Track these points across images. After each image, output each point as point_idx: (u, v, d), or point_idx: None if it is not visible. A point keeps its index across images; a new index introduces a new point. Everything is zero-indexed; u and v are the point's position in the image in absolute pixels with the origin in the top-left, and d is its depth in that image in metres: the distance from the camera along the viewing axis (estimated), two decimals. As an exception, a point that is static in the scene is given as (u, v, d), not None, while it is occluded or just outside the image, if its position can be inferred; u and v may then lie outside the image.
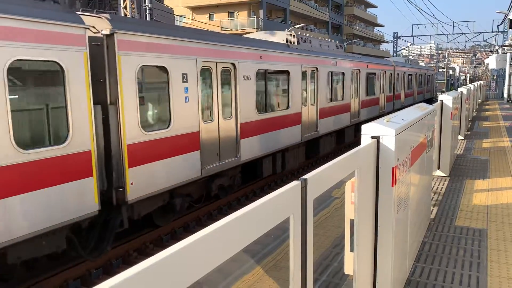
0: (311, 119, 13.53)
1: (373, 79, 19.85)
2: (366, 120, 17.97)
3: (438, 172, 8.48)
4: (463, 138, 13.73)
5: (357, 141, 16.04)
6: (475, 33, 51.78)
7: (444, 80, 62.52)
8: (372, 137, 3.12)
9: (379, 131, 3.11)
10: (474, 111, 22.39)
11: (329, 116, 14.86)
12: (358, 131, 16.99)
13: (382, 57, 56.53)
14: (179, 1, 43.08)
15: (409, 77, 27.97)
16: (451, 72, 70.70)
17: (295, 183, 1.90)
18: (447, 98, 8.47)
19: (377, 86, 20.54)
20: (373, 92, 19.95)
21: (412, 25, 54.99)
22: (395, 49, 55.27)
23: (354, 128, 17.68)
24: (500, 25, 44.96)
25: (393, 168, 3.09)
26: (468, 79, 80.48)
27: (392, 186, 3.12)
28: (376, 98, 20.47)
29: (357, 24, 70.93)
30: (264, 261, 4.76)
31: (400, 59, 30.49)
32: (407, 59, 33.25)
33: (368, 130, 3.15)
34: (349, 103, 16.84)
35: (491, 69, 44.43)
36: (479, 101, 31.33)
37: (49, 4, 6.06)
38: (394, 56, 51.88)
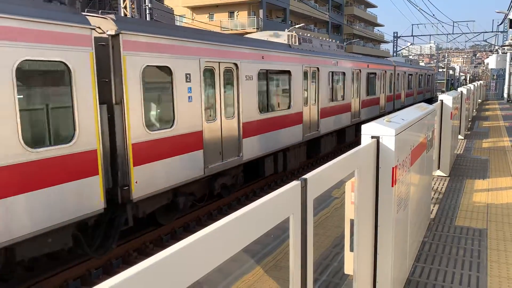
0: (312, 118, 13.55)
1: (373, 79, 19.85)
2: (366, 120, 18.00)
3: (438, 172, 8.48)
4: (463, 138, 13.73)
5: (357, 141, 16.03)
6: (475, 33, 51.77)
7: (444, 80, 62.53)
8: (372, 137, 3.12)
9: (379, 131, 3.11)
10: (474, 111, 22.39)
11: (330, 116, 14.87)
12: (359, 131, 16.96)
13: (383, 57, 56.54)
14: (179, 1, 43.08)
15: (410, 77, 27.95)
16: (451, 72, 70.70)
17: (295, 183, 1.90)
18: (447, 98, 8.47)
19: (378, 86, 20.53)
20: (373, 92, 19.95)
21: (412, 25, 54.94)
22: (395, 49, 55.25)
23: (355, 127, 17.67)
24: (500, 25, 44.97)
25: (393, 168, 3.09)
26: (468, 79, 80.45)
27: (392, 186, 3.12)
28: (376, 98, 20.47)
29: (357, 24, 70.91)
30: (264, 261, 4.76)
31: (401, 59, 30.50)
32: (407, 59, 33.24)
33: (368, 130, 3.15)
34: (350, 103, 16.85)
35: (491, 69, 44.44)
36: (479, 101, 31.33)
37: (55, 5, 6.09)
38: (394, 56, 51.89)
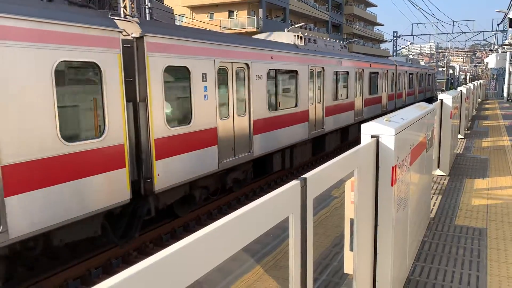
0: (317, 116, 13.93)
1: (375, 78, 20.15)
2: (369, 118, 18.22)
3: (438, 171, 8.48)
4: (462, 137, 13.73)
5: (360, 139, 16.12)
6: (474, 32, 51.71)
7: (444, 79, 62.54)
8: (372, 136, 3.11)
9: (378, 130, 3.11)
10: (474, 110, 22.40)
11: (334, 114, 15.23)
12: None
13: (383, 57, 56.53)
14: (178, 0, 43.05)
15: (410, 76, 28.09)
16: (450, 71, 70.73)
17: (294, 183, 1.90)
18: (446, 98, 8.47)
19: (380, 85, 20.83)
20: (375, 91, 20.26)
21: (412, 24, 54.99)
22: (395, 48, 55.24)
23: (358, 126, 17.78)
24: (499, 24, 44.96)
25: (392, 167, 3.09)
26: (468, 78, 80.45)
27: (392, 185, 3.12)
28: (378, 96, 20.75)
29: (357, 23, 70.87)
30: (264, 261, 4.76)
31: (402, 59, 30.59)
32: (408, 58, 33.28)
33: (367, 129, 3.14)
34: (353, 102, 17.19)
35: (491, 68, 44.41)
36: (479, 100, 31.34)
37: (86, 10, 6.58)
38: (394, 56, 51.89)
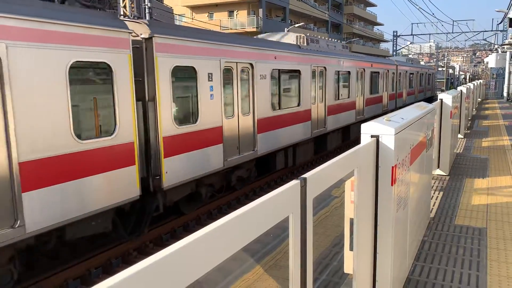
0: (319, 116, 14.11)
1: (376, 78, 20.33)
2: (370, 118, 18.34)
3: (438, 171, 8.48)
4: (462, 137, 13.73)
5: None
6: (474, 32, 51.66)
7: (443, 79, 62.52)
8: (372, 136, 3.11)
9: (378, 130, 3.11)
10: (473, 110, 22.40)
11: (336, 113, 15.42)
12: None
13: (383, 56, 56.53)
14: (178, 0, 43.02)
15: (411, 76, 28.20)
16: (450, 71, 70.69)
17: (294, 182, 1.90)
18: (446, 97, 8.47)
19: (381, 85, 21.03)
20: (376, 90, 20.45)
21: (412, 24, 54.97)
22: (394, 48, 55.24)
23: (359, 125, 17.82)
24: (499, 24, 44.98)
25: (392, 167, 3.09)
26: (467, 78, 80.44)
27: (392, 185, 3.12)
28: (379, 96, 20.93)
29: (357, 23, 70.86)
30: (264, 260, 4.76)
31: (402, 58, 30.67)
32: (408, 58, 33.31)
33: (367, 129, 3.14)
34: (355, 101, 17.36)
35: (491, 68, 44.42)
36: (479, 100, 31.34)
37: (98, 11, 6.72)
38: (394, 55, 51.88)
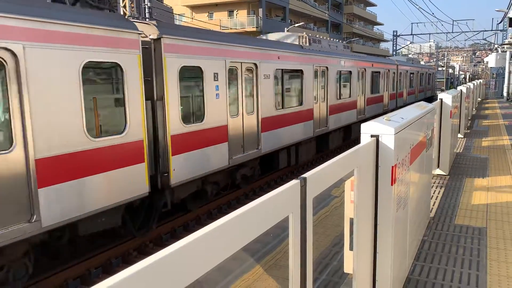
0: (321, 115, 14.28)
1: (377, 78, 20.46)
2: (371, 117, 18.53)
3: (438, 171, 8.48)
4: (462, 136, 13.73)
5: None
6: (474, 31, 51.68)
7: (443, 78, 62.50)
8: (372, 135, 3.11)
9: (378, 130, 3.11)
10: (473, 109, 22.40)
11: (337, 113, 15.59)
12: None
13: (384, 56, 56.52)
14: (178, 0, 43.01)
15: (411, 75, 28.28)
16: (450, 70, 70.68)
17: (294, 182, 1.90)
18: (446, 97, 8.46)
19: (381, 84, 21.17)
20: (377, 90, 20.58)
21: (412, 23, 55.00)
22: (394, 48, 55.23)
23: (361, 124, 17.89)
24: (499, 23, 44.98)
25: (392, 166, 3.09)
26: (467, 77, 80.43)
27: (392, 184, 3.12)
28: (380, 96, 21.06)
29: (357, 22, 70.83)
30: (264, 260, 4.76)
31: (403, 58, 30.74)
32: (408, 58, 33.36)
33: (367, 129, 3.14)
34: (356, 101, 17.50)
35: (491, 67, 44.43)
36: (479, 99, 31.34)
37: (108, 13, 6.91)
38: (394, 55, 51.88)
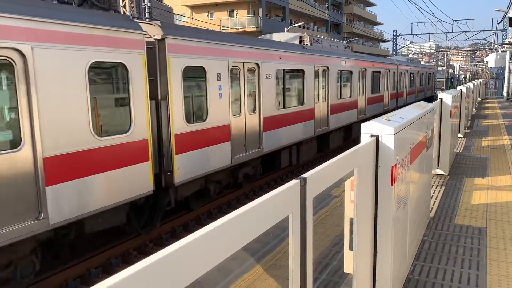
0: (322, 114, 14.38)
1: (378, 77, 20.53)
2: (372, 116, 18.62)
3: (438, 171, 8.48)
4: (462, 136, 13.73)
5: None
6: (474, 31, 51.69)
7: (443, 78, 62.48)
8: (372, 135, 3.11)
9: (378, 130, 3.11)
10: (473, 109, 22.40)
11: (338, 112, 15.70)
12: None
13: (384, 56, 56.52)
14: (178, -1, 43.01)
15: (411, 75, 28.33)
16: (450, 70, 70.66)
17: (294, 182, 1.90)
18: (446, 97, 8.46)
19: (382, 84, 21.26)
20: (378, 90, 20.66)
21: (412, 23, 55.02)
22: (394, 48, 55.22)
23: (361, 124, 17.96)
24: (499, 23, 44.98)
25: (392, 166, 3.09)
26: (467, 77, 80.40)
27: (392, 184, 3.12)
28: (380, 95, 21.14)
29: (357, 22, 70.81)
30: (264, 260, 4.76)
31: (403, 58, 30.79)
32: (409, 58, 33.39)
33: (367, 129, 3.14)
34: (356, 100, 17.58)
35: (491, 67, 44.42)
36: (479, 99, 31.34)
37: (112, 14, 7.04)
38: (394, 55, 51.88)
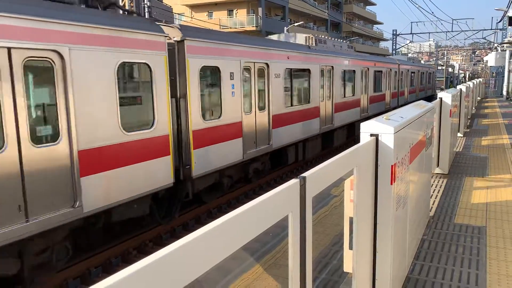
0: (327, 113, 14.74)
1: (380, 77, 20.80)
2: (374, 115, 18.81)
3: (437, 170, 8.49)
4: (462, 135, 13.73)
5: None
6: (474, 30, 51.78)
7: (443, 77, 62.46)
8: (371, 134, 3.11)
9: (378, 129, 3.11)
10: (473, 108, 22.40)
11: (342, 111, 16.02)
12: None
13: (384, 55, 56.50)
14: (178, -1, 42.93)
15: (412, 74, 28.48)
16: (450, 69, 70.66)
17: (294, 181, 1.90)
18: (446, 96, 8.47)
19: (384, 83, 21.54)
20: (380, 88, 20.95)
21: (411, 22, 55.21)
22: (394, 47, 55.20)
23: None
24: (499, 22, 44.97)
25: (392, 165, 3.09)
26: (467, 76, 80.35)
27: (391, 183, 3.12)
28: (382, 94, 21.41)
29: (356, 21, 70.79)
30: (264, 259, 4.76)
31: (404, 57, 30.87)
32: (409, 57, 33.45)
33: (367, 128, 3.13)
34: (359, 99, 17.89)
35: (490, 66, 44.44)
36: (478, 98, 31.34)
37: (135, 17, 7.52)
38: (394, 54, 51.88)
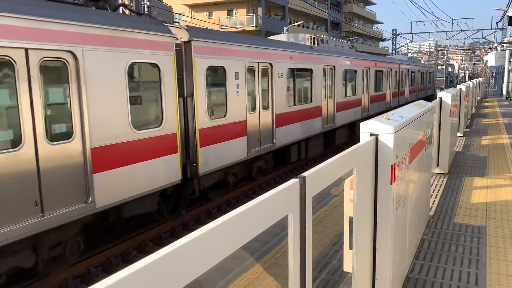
0: (329, 112, 14.90)
1: (380, 76, 20.94)
2: (375, 114, 18.89)
3: (437, 169, 8.49)
4: (462, 135, 13.74)
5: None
6: (474, 30, 51.78)
7: (443, 77, 62.43)
8: (371, 134, 3.11)
9: (377, 129, 3.11)
10: (473, 108, 22.40)
11: (344, 110, 16.18)
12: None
13: (383, 55, 56.51)
14: (177, -1, 42.91)
15: (412, 74, 28.59)
16: (450, 69, 70.63)
17: (293, 181, 1.90)
18: (446, 96, 8.47)
19: (384, 83, 21.68)
20: (380, 88, 21.10)
21: (411, 22, 55.27)
22: (394, 47, 55.19)
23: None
24: (499, 22, 44.94)
25: (392, 165, 3.09)
26: (467, 76, 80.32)
27: (391, 183, 3.12)
28: (383, 94, 21.55)
29: (356, 21, 70.79)
30: (263, 259, 4.76)
31: (404, 57, 30.92)
32: (410, 57, 33.48)
33: (366, 128, 3.13)
34: (361, 98, 18.04)
35: (490, 66, 44.46)
36: (478, 98, 31.35)
37: (146, 18, 7.65)
38: (394, 54, 51.88)
